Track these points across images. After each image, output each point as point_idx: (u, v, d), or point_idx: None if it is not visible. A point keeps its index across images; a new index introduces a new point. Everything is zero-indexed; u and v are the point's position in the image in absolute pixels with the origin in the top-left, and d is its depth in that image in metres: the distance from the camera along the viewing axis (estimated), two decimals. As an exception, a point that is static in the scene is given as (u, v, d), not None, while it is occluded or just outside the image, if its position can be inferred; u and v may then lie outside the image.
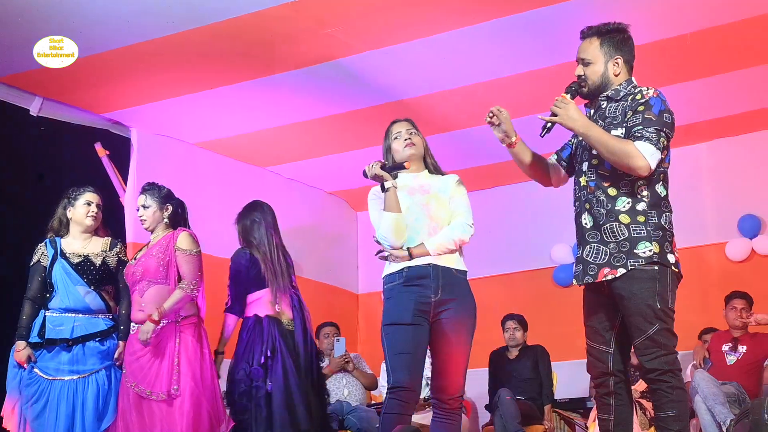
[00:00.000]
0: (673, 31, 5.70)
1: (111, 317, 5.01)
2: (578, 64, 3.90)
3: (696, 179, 7.60)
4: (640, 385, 6.37)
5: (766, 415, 4.99)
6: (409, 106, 6.31)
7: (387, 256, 4.14)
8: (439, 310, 4.07)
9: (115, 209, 6.50)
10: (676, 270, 3.75)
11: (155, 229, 5.10)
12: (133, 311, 4.93)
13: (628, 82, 3.86)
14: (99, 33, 5.48)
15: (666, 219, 3.77)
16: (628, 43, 3.89)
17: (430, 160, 4.38)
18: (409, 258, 4.07)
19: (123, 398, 4.84)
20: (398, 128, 4.36)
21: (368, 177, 4.20)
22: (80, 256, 4.98)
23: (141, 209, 5.10)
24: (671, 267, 3.72)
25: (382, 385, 6.69)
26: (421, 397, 6.78)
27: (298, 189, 8.56)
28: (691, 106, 6.68)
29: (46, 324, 4.88)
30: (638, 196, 3.74)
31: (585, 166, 3.87)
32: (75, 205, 5.07)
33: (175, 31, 5.49)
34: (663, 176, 3.80)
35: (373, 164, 4.18)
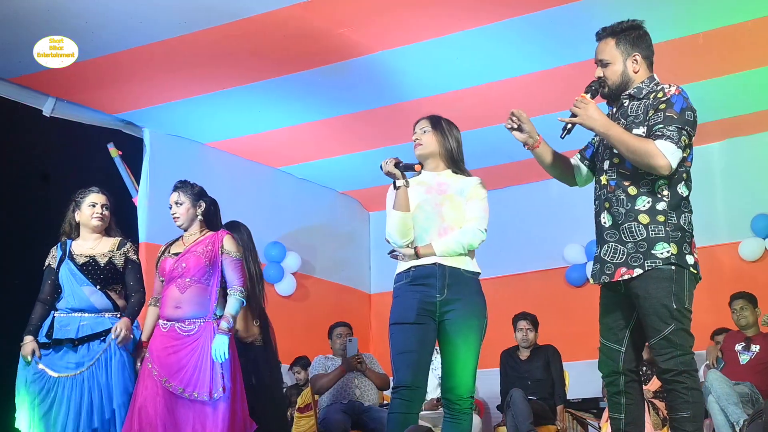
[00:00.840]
0: (686, 30, 5.69)
1: (118, 315, 4.98)
2: (597, 66, 3.86)
3: (709, 179, 7.55)
4: (653, 385, 6.36)
5: (779, 415, 4.98)
6: (422, 106, 6.25)
7: (398, 255, 4.14)
8: (444, 310, 4.05)
9: (128, 209, 6.52)
10: (695, 271, 3.71)
11: (189, 227, 4.97)
12: (167, 306, 4.80)
13: (651, 80, 3.81)
14: (112, 34, 5.50)
15: (686, 219, 3.73)
16: (644, 39, 3.84)
17: (455, 158, 4.27)
18: (416, 256, 4.07)
19: (142, 389, 4.69)
20: (416, 127, 4.31)
21: (383, 172, 4.19)
22: (86, 257, 4.97)
23: (174, 206, 4.96)
24: (689, 268, 3.68)
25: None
26: (434, 397, 6.79)
27: (310, 189, 8.57)
28: (704, 105, 6.63)
29: (54, 324, 4.87)
30: (659, 196, 3.70)
31: (606, 165, 3.84)
32: (81, 207, 5.07)
33: (188, 32, 5.52)
34: (686, 175, 3.76)
35: (389, 161, 4.17)
